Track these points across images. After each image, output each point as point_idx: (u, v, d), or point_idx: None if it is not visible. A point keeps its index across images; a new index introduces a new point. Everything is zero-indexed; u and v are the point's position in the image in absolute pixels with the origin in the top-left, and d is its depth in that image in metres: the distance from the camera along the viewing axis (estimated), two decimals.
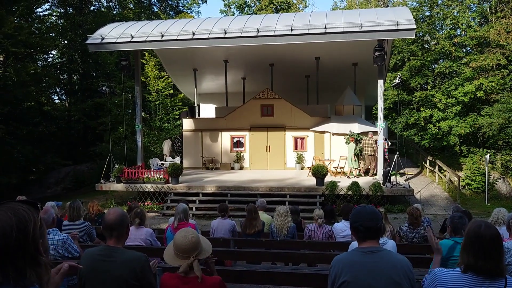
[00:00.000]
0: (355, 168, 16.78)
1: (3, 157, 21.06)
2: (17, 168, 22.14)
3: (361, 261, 2.35)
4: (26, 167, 23.68)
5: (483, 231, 2.25)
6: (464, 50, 27.76)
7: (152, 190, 15.33)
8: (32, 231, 1.36)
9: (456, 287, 2.25)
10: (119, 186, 15.76)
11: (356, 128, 17.59)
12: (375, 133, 15.92)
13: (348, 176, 16.49)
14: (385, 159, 15.87)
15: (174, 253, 2.64)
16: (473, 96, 24.57)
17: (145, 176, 15.73)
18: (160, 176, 15.62)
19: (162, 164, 19.01)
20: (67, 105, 31.25)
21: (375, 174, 15.63)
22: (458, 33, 27.92)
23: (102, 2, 33.80)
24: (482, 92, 24.12)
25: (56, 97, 32.19)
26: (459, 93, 24.89)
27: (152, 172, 16.00)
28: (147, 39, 15.12)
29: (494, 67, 24.90)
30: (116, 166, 16.12)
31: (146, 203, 15.13)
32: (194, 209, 14.02)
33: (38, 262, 1.37)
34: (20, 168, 22.54)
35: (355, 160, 16.65)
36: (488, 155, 17.67)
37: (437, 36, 28.12)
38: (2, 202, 1.45)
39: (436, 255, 3.15)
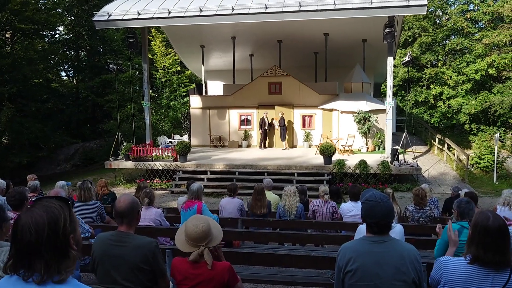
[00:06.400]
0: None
1: (14, 136, 21.27)
2: (27, 146, 22.38)
3: (369, 251, 2.37)
4: (35, 144, 23.93)
5: (491, 224, 2.23)
6: (477, 26, 27.17)
7: (160, 168, 15.46)
8: (62, 227, 1.48)
9: (462, 278, 2.26)
10: (128, 164, 15.90)
11: (364, 105, 17.47)
12: None
13: None
14: None
15: (185, 240, 2.68)
16: (484, 74, 24.17)
17: (153, 154, 15.82)
18: (169, 154, 15.71)
19: (171, 142, 19.10)
20: (75, 82, 31.27)
21: None
22: (471, 8, 27.28)
23: None
24: (494, 69, 23.71)
25: (64, 74, 32.17)
26: (470, 70, 24.49)
27: (160, 150, 16.09)
28: (154, 16, 14.96)
29: (507, 43, 24.38)
30: (124, 143, 16.23)
31: (154, 181, 15.27)
32: (202, 187, 14.09)
33: (68, 255, 1.50)
34: (29, 145, 22.79)
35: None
36: (498, 133, 17.51)
37: (449, 11, 27.53)
38: (38, 199, 1.59)
39: (451, 247, 3.16)
